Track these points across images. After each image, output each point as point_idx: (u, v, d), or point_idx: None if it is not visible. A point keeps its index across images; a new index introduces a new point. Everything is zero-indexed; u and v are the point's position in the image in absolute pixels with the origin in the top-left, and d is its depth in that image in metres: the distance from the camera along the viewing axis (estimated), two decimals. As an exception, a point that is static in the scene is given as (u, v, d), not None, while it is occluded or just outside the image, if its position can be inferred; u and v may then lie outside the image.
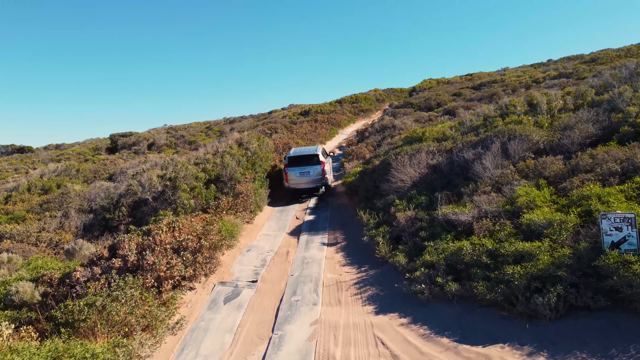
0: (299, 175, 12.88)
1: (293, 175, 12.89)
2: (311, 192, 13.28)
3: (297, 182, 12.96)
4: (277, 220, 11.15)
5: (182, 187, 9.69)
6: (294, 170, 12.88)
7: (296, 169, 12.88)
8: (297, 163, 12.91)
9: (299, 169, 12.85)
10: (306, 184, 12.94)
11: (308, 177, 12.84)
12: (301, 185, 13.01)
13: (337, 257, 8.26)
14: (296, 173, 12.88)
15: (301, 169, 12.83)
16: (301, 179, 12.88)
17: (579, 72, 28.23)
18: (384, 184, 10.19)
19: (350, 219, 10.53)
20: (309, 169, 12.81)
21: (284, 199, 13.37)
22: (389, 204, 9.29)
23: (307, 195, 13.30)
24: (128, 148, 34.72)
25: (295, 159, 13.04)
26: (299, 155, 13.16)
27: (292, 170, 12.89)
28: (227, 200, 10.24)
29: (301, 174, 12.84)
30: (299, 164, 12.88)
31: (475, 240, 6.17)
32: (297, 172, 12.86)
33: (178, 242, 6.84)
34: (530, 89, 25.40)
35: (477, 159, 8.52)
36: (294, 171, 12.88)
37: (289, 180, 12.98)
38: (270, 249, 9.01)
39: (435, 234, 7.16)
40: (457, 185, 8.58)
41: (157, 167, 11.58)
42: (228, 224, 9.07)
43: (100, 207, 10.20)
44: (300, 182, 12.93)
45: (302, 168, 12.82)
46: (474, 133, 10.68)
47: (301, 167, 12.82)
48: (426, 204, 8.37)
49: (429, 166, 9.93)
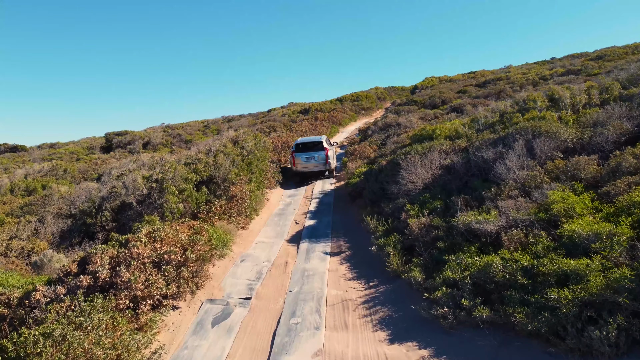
0: (305, 160, 14.35)
1: (300, 160, 14.35)
2: (317, 176, 14.95)
3: (304, 167, 14.43)
4: (274, 226, 10.23)
5: (169, 190, 8.76)
6: (301, 156, 14.33)
7: (303, 155, 14.33)
8: (304, 149, 14.37)
9: (306, 154, 14.30)
10: (312, 167, 14.42)
11: (313, 161, 14.32)
12: (308, 169, 14.47)
13: (342, 270, 7.35)
14: (303, 158, 14.34)
15: (307, 155, 14.29)
16: (307, 164, 14.35)
17: (588, 69, 27.38)
18: (392, 186, 9.27)
19: (355, 225, 9.61)
20: (314, 154, 14.26)
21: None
22: (399, 208, 8.38)
23: (314, 178, 14.91)
24: (123, 147, 33.84)
25: (302, 145, 14.50)
26: (305, 142, 14.62)
27: (300, 156, 14.35)
28: (220, 204, 9.32)
29: (307, 159, 14.33)
30: (305, 150, 14.34)
31: (505, 255, 5.25)
32: (304, 157, 14.32)
33: (159, 255, 5.91)
34: (538, 86, 24.57)
35: (499, 159, 7.60)
36: (301, 156, 14.34)
37: (297, 164, 14.43)
38: (267, 259, 8.09)
39: (454, 245, 6.24)
40: (475, 188, 7.66)
41: (144, 167, 10.65)
42: (220, 231, 8.15)
43: (80, 212, 9.27)
44: (307, 166, 14.39)
45: (308, 154, 14.28)
46: (490, 130, 9.77)
47: (307, 153, 14.28)
48: (441, 210, 7.45)
49: (442, 167, 9.02)
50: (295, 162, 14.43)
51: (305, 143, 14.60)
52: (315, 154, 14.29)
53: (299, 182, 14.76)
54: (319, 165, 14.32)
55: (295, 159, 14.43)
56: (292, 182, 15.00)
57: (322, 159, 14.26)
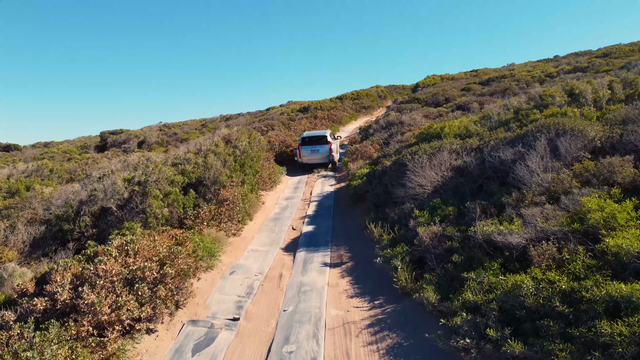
0: (310, 153, 15.32)
1: (305, 152, 15.34)
2: (320, 167, 15.78)
3: (309, 159, 15.43)
4: (269, 232, 9.41)
5: (153, 194, 7.95)
6: (306, 149, 15.32)
7: (308, 147, 15.32)
8: (309, 142, 15.40)
9: (310, 147, 15.29)
10: (316, 159, 15.37)
11: (318, 154, 15.26)
12: (312, 160, 15.45)
13: (343, 284, 6.53)
14: (308, 151, 15.32)
15: (312, 147, 15.27)
16: (312, 156, 15.32)
17: (596, 66, 26.59)
18: (397, 189, 8.46)
19: (357, 232, 8.80)
20: (319, 147, 15.23)
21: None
22: (406, 214, 7.57)
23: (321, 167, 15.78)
24: (118, 146, 33.04)
25: (308, 139, 15.52)
26: (310, 136, 15.61)
27: (305, 149, 15.34)
28: (209, 208, 8.50)
29: (312, 151, 15.30)
30: (310, 144, 15.37)
31: (537, 274, 4.44)
32: (309, 150, 15.31)
33: (132, 271, 5.10)
34: (545, 83, 23.76)
35: (519, 160, 6.78)
36: (306, 149, 15.33)
37: (302, 156, 15.41)
38: (259, 271, 7.27)
39: (472, 259, 5.43)
40: (492, 192, 6.85)
41: (129, 168, 9.83)
42: (207, 239, 7.34)
43: (55, 217, 8.45)
44: (312, 158, 15.36)
45: (313, 147, 15.26)
46: (504, 128, 8.96)
47: (312, 146, 15.26)
48: (455, 217, 6.64)
49: (452, 168, 8.21)
50: (301, 154, 15.41)
51: (311, 137, 15.58)
52: (319, 147, 15.26)
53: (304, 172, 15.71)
54: (323, 157, 15.31)
55: (301, 152, 15.42)
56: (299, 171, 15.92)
57: (325, 152, 15.21)
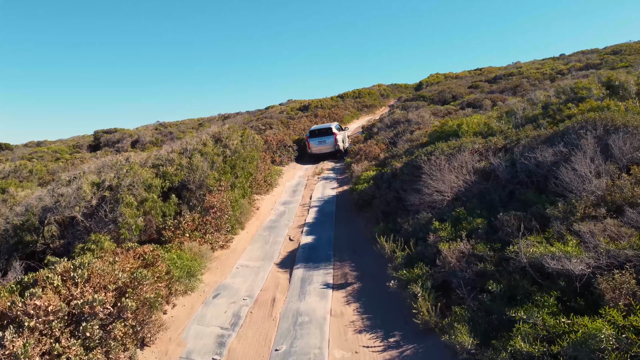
0: (317, 144, 16.79)
1: (313, 143, 16.82)
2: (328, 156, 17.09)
3: (318, 149, 16.85)
4: (263, 243, 8.23)
5: (125, 200, 6.79)
6: (314, 140, 16.81)
7: (316, 139, 16.77)
8: (317, 135, 16.85)
9: (318, 139, 16.75)
10: (324, 150, 16.76)
11: (324, 144, 16.71)
12: (321, 151, 16.85)
13: (349, 314, 5.36)
14: (316, 142, 16.79)
15: (319, 139, 16.74)
16: (320, 147, 16.78)
17: (609, 63, 25.44)
18: (411, 195, 7.29)
19: (363, 243, 7.64)
20: (325, 139, 16.68)
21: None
22: (423, 226, 6.40)
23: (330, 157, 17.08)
24: (111, 146, 31.95)
25: (315, 131, 17.07)
26: (318, 129, 17.21)
27: (313, 140, 16.83)
28: (193, 217, 7.33)
29: (319, 142, 16.75)
30: (318, 135, 16.82)
31: (618, 319, 3.27)
32: (317, 141, 16.77)
33: (78, 306, 3.93)
34: (556, 80, 22.64)
35: (562, 162, 5.61)
36: (314, 141, 16.81)
37: (311, 147, 16.88)
38: (249, 294, 6.10)
39: (515, 289, 4.26)
40: (529, 201, 5.67)
41: (105, 169, 8.66)
42: (187, 255, 6.17)
43: (12, 227, 7.29)
44: (320, 148, 16.81)
45: (320, 138, 16.74)
46: (533, 125, 7.79)
47: (319, 138, 16.75)
48: (484, 231, 5.47)
49: (475, 171, 7.04)
50: (310, 145, 16.83)
51: (318, 129, 17.11)
52: (326, 138, 16.65)
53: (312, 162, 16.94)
54: (329, 147, 16.66)
55: (310, 143, 16.82)
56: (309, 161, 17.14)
57: (331, 143, 16.60)
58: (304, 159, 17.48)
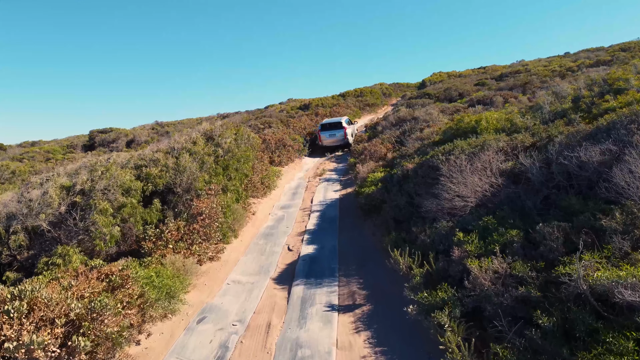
0: (328, 137, 17.71)
1: (325, 136, 17.80)
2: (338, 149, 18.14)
3: (328, 142, 17.82)
4: (258, 254, 7.32)
5: (98, 207, 5.88)
6: (325, 133, 17.79)
7: (327, 132, 17.77)
8: (328, 128, 17.87)
9: (329, 132, 17.73)
10: (334, 142, 17.74)
11: (335, 137, 17.62)
12: (331, 143, 17.85)
13: (359, 345, 4.45)
14: (327, 135, 17.75)
15: (330, 132, 17.71)
16: (330, 139, 17.73)
17: (620, 59, 24.54)
18: (427, 200, 6.37)
19: (372, 254, 6.74)
20: (335, 132, 17.62)
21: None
22: (444, 237, 5.49)
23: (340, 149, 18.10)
24: (106, 145, 31.15)
25: (327, 125, 18.03)
26: (328, 123, 18.12)
27: (324, 134, 17.80)
28: (177, 225, 6.43)
29: (330, 135, 17.70)
30: (329, 129, 17.80)
31: None
32: (327, 134, 17.74)
33: (10, 351, 3.02)
34: (567, 77, 21.76)
35: (614, 162, 4.70)
36: (325, 134, 17.79)
37: (322, 140, 17.87)
38: (239, 318, 5.19)
39: (573, 323, 3.35)
40: (572, 209, 4.76)
41: (84, 170, 7.76)
42: (167, 272, 5.27)
43: (-30, 237, 6.38)
44: (330, 141, 17.78)
45: (330, 132, 17.71)
46: (564, 120, 6.88)
47: (330, 131, 17.72)
48: (521, 245, 4.57)
49: (501, 172, 6.13)
50: (321, 138, 17.85)
51: (329, 123, 18.02)
52: (336, 131, 17.57)
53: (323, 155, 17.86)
54: (339, 140, 17.55)
55: (321, 136, 17.84)
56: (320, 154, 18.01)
57: (341, 135, 17.52)
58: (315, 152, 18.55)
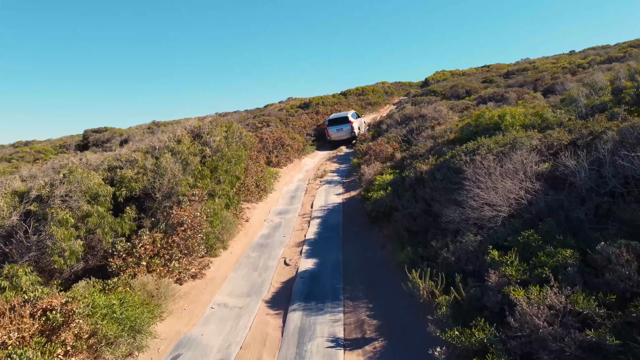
0: (336, 131, 18.19)
1: (332, 131, 18.24)
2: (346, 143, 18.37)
3: (336, 136, 18.21)
4: (250, 269, 6.33)
5: (56, 217, 4.91)
6: (333, 128, 18.27)
7: (334, 127, 18.25)
8: (335, 123, 18.34)
9: (336, 127, 18.21)
10: (341, 136, 18.13)
11: (342, 131, 18.08)
12: (339, 137, 18.18)
13: (372, 400, 3.46)
14: (334, 130, 18.22)
15: (337, 127, 18.19)
16: (337, 134, 18.17)
17: (634, 56, 23.57)
18: (447, 208, 5.38)
19: (382, 271, 5.75)
20: (342, 126, 18.09)
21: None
22: (472, 255, 4.51)
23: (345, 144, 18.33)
24: (99, 145, 30.14)
25: (334, 120, 18.50)
26: (336, 118, 18.62)
27: (331, 128, 18.29)
28: (153, 238, 5.45)
29: (337, 130, 18.16)
30: (336, 124, 18.29)
31: None
32: (335, 129, 18.21)
33: None
34: (577, 74, 20.82)
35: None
36: (332, 129, 18.26)
37: (330, 134, 18.30)
38: (222, 357, 4.20)
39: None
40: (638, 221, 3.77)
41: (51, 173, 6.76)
42: (134, 298, 4.29)
43: None
44: (338, 135, 18.18)
45: (338, 126, 18.19)
46: (606, 115, 5.90)
47: (337, 126, 18.20)
48: (580, 269, 3.58)
49: (538, 176, 5.14)
50: (329, 133, 18.30)
51: (336, 118, 18.52)
52: (343, 126, 18.03)
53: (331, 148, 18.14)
54: (346, 134, 17.97)
55: (329, 131, 18.30)
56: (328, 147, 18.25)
57: (348, 129, 17.95)
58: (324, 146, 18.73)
